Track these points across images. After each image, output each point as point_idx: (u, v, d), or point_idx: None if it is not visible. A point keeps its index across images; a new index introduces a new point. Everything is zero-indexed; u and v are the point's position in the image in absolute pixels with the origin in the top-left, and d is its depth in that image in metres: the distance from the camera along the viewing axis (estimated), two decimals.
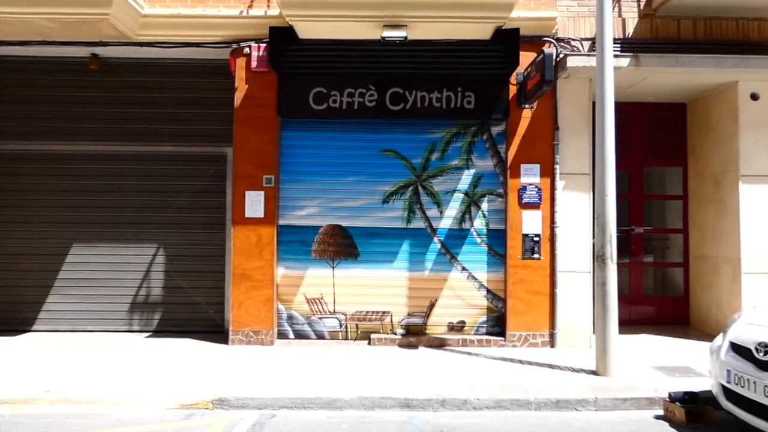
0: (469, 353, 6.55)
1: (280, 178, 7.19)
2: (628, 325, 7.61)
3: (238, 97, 7.07)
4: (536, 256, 6.94)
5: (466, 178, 7.21)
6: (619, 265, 6.21)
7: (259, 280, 6.97)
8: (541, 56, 6.12)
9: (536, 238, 6.95)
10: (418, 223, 7.19)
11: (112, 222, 7.74)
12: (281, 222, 7.18)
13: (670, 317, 8.12)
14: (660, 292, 8.38)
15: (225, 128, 7.41)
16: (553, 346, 6.84)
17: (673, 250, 8.36)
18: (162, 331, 7.68)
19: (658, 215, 8.48)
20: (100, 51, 7.38)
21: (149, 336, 7.47)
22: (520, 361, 6.18)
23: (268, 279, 6.97)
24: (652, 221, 8.40)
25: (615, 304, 5.60)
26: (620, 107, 6.85)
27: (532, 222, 6.97)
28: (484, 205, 7.20)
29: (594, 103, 6.16)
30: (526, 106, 7.02)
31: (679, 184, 8.29)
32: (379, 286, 7.15)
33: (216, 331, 7.54)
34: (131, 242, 7.72)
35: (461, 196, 7.21)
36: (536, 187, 6.97)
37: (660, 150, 8.27)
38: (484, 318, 7.14)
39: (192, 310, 7.70)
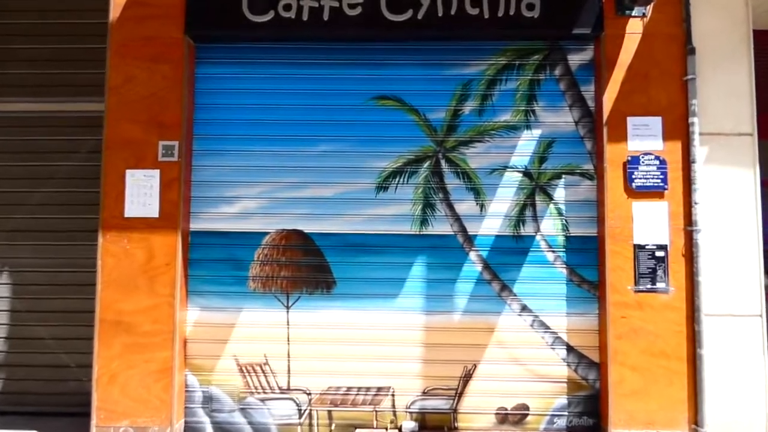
0: None
1: (192, 149, 4.04)
2: None
3: (116, 2, 3.95)
4: (660, 285, 3.71)
5: (525, 145, 4.02)
6: None
7: (147, 332, 3.78)
8: None
9: (659, 253, 3.73)
10: (441, 227, 3.99)
11: None
12: (194, 226, 4.01)
13: None
14: None
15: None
16: None
17: None
18: (1, 412, 4.46)
19: None
20: None
21: None
22: None
23: (165, 330, 3.78)
24: None
25: None
26: None
27: (650, 222, 3.76)
28: (559, 193, 3.99)
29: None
30: (634, 12, 3.85)
31: None
32: (369, 341, 3.94)
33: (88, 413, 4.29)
34: None
35: (517, 176, 4.01)
36: (656, 158, 3.77)
37: None
38: (563, 400, 3.88)
39: (53, 375, 4.47)
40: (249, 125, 4.04)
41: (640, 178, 3.76)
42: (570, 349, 3.89)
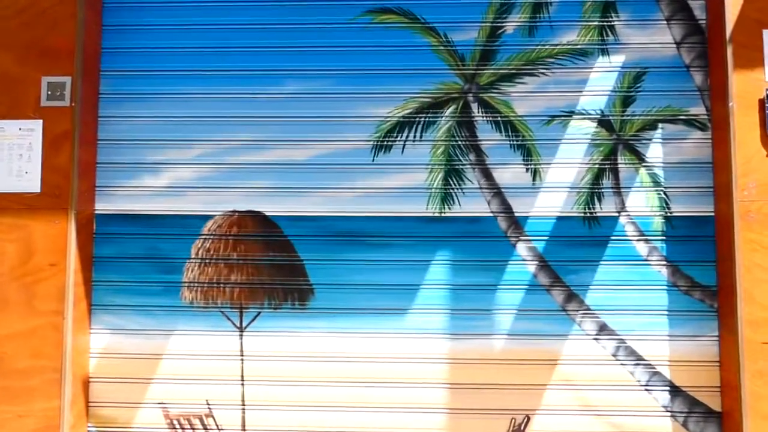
0: None
1: (99, 91, 2.71)
2: None
3: None
4: None
5: (599, 79, 2.63)
6: None
7: (22, 371, 2.44)
8: None
9: None
10: (472, 205, 2.62)
11: None
12: (100, 207, 2.68)
13: None
14: None
15: None
16: None
17: None
18: None
19: None
20: None
21: None
22: None
23: (50, 367, 2.44)
24: None
25: None
26: None
27: None
28: (654, 151, 2.61)
29: None
30: None
31: None
32: (365, 380, 2.58)
33: None
34: None
35: (589, 127, 2.63)
36: None
37: None
38: None
39: None
40: (183, 56, 2.70)
41: None
42: (675, 391, 2.50)
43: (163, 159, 2.68)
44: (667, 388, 2.52)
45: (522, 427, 2.53)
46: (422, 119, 2.64)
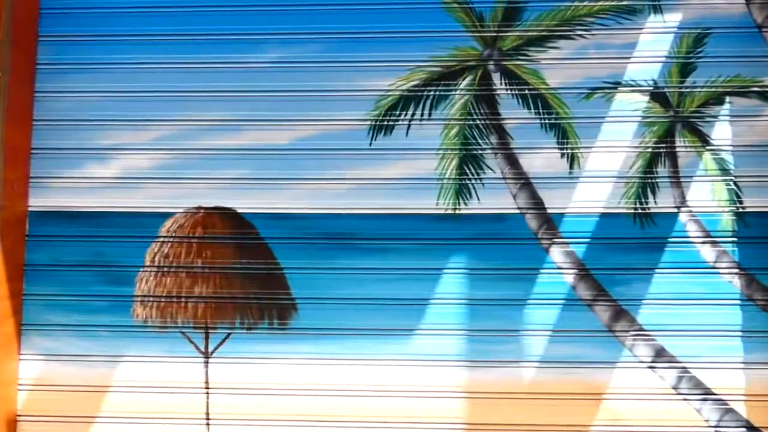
0: None
1: (36, 60, 2.20)
2: None
3: None
4: None
5: (651, 42, 2.14)
6: None
7: None
8: None
9: None
10: (495, 198, 2.12)
11: None
12: (34, 202, 2.18)
13: None
14: None
15: None
16: None
17: None
18: None
19: None
20: None
21: None
22: None
23: None
24: None
25: None
26: None
27: None
28: (721, 132, 2.10)
29: None
30: None
31: None
32: (363, 419, 2.05)
33: None
34: None
35: (639, 101, 2.12)
36: None
37: None
38: None
39: None
40: (139, 17, 2.21)
41: None
42: None
43: (112, 143, 2.19)
44: (743, 429, 1.99)
45: None
46: (432, 93, 2.15)
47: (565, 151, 2.11)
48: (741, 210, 2.07)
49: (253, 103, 2.17)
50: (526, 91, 2.13)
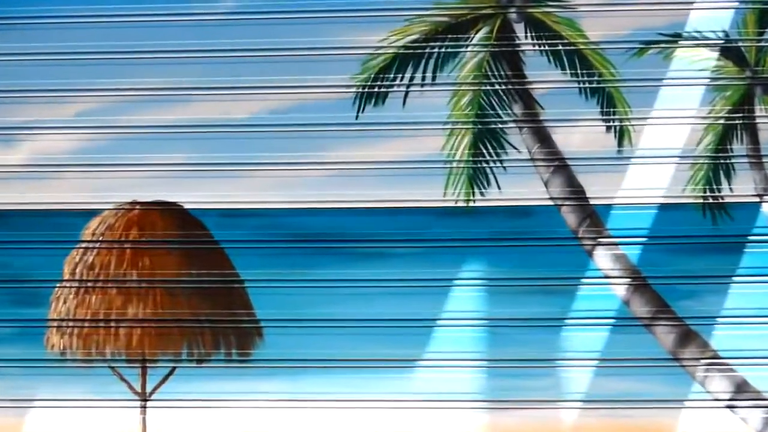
0: None
1: None
2: None
3: None
4: None
5: None
6: None
7: None
8: None
9: None
10: (519, 186, 1.66)
11: None
12: None
13: None
14: None
15: None
16: None
17: None
18: None
19: None
20: None
21: None
22: None
23: None
24: None
25: None
26: None
27: None
28: None
29: None
30: None
31: None
32: None
33: None
34: None
35: (704, 59, 1.66)
36: None
37: None
38: None
39: None
40: None
41: None
42: None
43: (19, 121, 1.69)
44: None
45: None
46: (435, 51, 1.67)
47: (611, 123, 1.65)
48: None
49: (203, 67, 1.68)
50: (559, 47, 1.66)
